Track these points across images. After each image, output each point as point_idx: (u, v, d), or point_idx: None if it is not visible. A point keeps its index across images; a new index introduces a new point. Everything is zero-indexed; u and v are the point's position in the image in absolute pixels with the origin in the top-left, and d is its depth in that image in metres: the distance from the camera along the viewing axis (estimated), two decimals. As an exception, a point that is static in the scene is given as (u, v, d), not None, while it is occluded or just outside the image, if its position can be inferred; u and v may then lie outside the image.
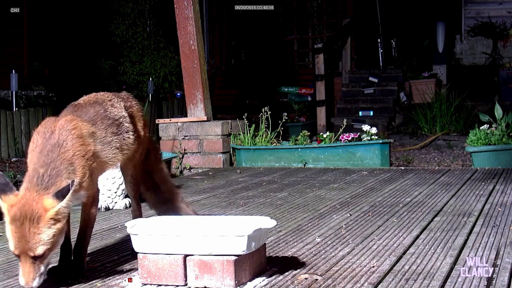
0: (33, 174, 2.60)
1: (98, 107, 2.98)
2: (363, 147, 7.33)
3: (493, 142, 7.14)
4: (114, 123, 2.99)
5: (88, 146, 2.77)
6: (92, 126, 2.87)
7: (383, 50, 14.36)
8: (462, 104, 11.40)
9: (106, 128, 2.94)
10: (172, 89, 13.65)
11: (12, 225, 2.51)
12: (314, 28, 15.85)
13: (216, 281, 2.71)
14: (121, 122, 3.03)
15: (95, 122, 2.91)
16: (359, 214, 4.34)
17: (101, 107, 3.00)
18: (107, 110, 3.01)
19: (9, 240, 2.52)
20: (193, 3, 7.55)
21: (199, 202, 5.09)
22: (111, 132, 2.95)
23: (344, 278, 2.84)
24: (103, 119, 2.95)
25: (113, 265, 3.16)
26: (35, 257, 2.51)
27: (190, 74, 7.62)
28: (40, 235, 2.50)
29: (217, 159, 7.54)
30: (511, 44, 13.84)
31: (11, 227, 2.51)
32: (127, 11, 13.33)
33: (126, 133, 3.05)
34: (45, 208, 2.52)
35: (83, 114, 2.93)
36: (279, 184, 6.00)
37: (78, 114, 2.91)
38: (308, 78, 14.51)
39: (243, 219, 3.13)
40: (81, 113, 2.93)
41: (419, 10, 14.60)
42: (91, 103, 3.01)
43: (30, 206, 2.50)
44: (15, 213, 2.50)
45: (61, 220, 2.57)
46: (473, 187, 5.44)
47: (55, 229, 2.54)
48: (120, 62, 13.54)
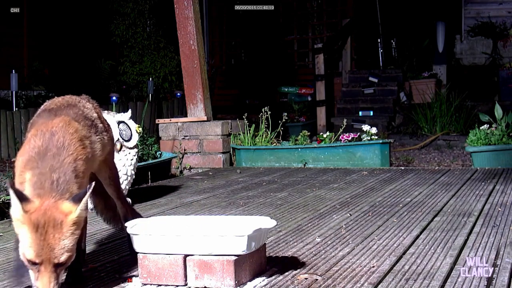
0: (43, 179, 2.49)
1: (75, 109, 2.88)
2: (363, 147, 7.33)
3: (493, 142, 7.14)
4: (93, 124, 2.92)
5: (87, 149, 2.74)
6: (83, 128, 2.81)
7: (383, 50, 14.36)
8: (462, 104, 11.40)
9: (89, 129, 2.87)
10: (172, 89, 13.65)
11: (36, 233, 2.40)
12: (314, 28, 15.86)
13: (216, 281, 2.71)
14: (96, 123, 2.96)
15: (80, 123, 2.82)
16: (359, 214, 4.34)
17: (78, 109, 2.90)
18: (84, 111, 2.92)
19: (29, 249, 2.40)
20: (193, 3, 7.56)
21: (199, 202, 5.09)
22: (93, 133, 2.89)
23: (344, 278, 2.84)
24: (84, 120, 2.87)
25: (113, 265, 3.16)
26: (58, 264, 2.42)
27: (190, 74, 7.62)
28: (64, 241, 2.42)
29: (217, 159, 7.54)
30: (511, 44, 13.84)
31: (34, 235, 2.40)
32: (127, 11, 13.33)
33: (101, 133, 2.97)
34: (65, 214, 2.43)
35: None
36: (279, 184, 6.00)
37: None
38: (308, 78, 14.51)
39: (243, 219, 3.13)
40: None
41: (419, 10, 14.60)
42: (66, 106, 2.88)
43: (52, 213, 2.42)
44: (38, 221, 2.39)
45: (81, 225, 2.50)
46: (473, 187, 5.44)
47: (76, 234, 2.47)
48: (120, 62, 13.54)
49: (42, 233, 2.39)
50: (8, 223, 4.26)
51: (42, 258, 2.39)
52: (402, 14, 14.62)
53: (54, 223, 2.41)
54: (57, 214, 2.42)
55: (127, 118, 4.77)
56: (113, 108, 7.99)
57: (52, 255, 2.40)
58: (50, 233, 2.40)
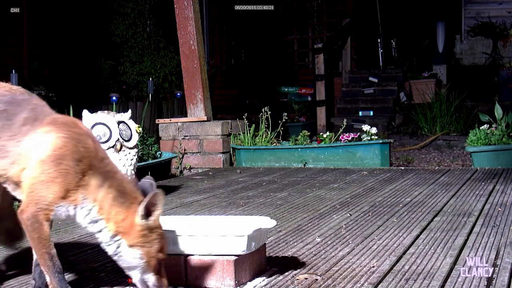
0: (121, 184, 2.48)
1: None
2: (363, 147, 7.33)
3: (493, 142, 7.14)
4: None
5: None
6: None
7: (383, 50, 14.35)
8: (462, 104, 11.39)
9: None
10: (172, 89, 13.63)
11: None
12: (314, 28, 15.85)
13: (216, 281, 2.71)
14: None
15: None
16: (359, 214, 4.34)
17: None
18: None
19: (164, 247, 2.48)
20: (193, 3, 7.55)
21: (199, 202, 5.09)
22: None
23: (344, 278, 2.84)
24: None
25: (113, 265, 3.16)
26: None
27: (190, 74, 7.62)
28: None
29: (217, 159, 7.54)
30: (511, 44, 13.83)
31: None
32: (127, 11, 13.31)
33: None
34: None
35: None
36: (279, 184, 6.00)
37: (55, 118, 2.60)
38: (308, 78, 14.51)
39: (243, 219, 3.13)
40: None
41: (419, 10, 14.60)
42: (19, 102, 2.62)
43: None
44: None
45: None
46: (473, 187, 5.44)
47: None
48: (120, 62, 13.52)
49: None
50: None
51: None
52: (402, 14, 14.61)
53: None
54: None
55: (127, 118, 4.76)
56: (113, 108, 7.98)
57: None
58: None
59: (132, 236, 2.40)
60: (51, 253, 2.44)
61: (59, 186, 2.40)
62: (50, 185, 2.40)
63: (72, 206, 2.44)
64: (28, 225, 2.41)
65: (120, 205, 2.42)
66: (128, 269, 2.46)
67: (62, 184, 2.40)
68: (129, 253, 2.41)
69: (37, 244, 2.43)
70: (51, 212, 2.42)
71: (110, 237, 2.42)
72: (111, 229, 2.41)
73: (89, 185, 2.42)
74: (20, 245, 2.94)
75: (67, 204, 2.43)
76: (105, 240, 2.43)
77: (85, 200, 2.43)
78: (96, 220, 2.43)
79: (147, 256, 2.41)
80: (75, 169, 2.41)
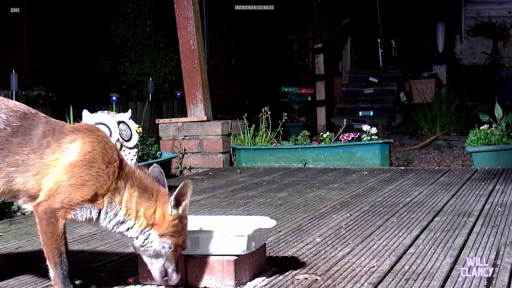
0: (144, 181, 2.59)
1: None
2: (363, 147, 7.33)
3: (493, 142, 7.14)
4: None
5: None
6: None
7: (383, 50, 14.36)
8: (462, 104, 11.40)
9: None
10: (172, 89, 13.64)
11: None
12: (314, 28, 15.86)
13: (216, 281, 2.71)
14: None
15: None
16: (359, 214, 4.34)
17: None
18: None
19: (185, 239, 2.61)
20: (193, 3, 7.55)
21: (199, 202, 5.09)
22: None
23: (344, 278, 2.84)
24: None
25: (113, 265, 3.16)
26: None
27: (190, 74, 7.62)
28: None
29: (217, 159, 7.54)
30: (511, 44, 13.84)
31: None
32: (127, 11, 13.32)
33: None
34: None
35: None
36: (279, 184, 6.00)
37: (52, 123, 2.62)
38: (308, 78, 14.51)
39: (243, 219, 3.13)
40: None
41: (419, 10, 14.60)
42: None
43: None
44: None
45: None
46: (473, 187, 5.44)
47: None
48: (120, 62, 13.52)
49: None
50: (8, 223, 4.26)
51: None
52: (402, 14, 14.61)
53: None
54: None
55: (127, 118, 4.77)
56: (113, 108, 7.98)
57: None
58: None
59: (164, 227, 2.52)
60: (61, 249, 2.48)
61: (89, 189, 2.46)
62: (80, 188, 2.45)
63: (96, 210, 2.50)
64: (44, 219, 2.45)
65: (147, 201, 2.53)
66: (154, 257, 2.55)
67: (93, 187, 2.46)
68: (159, 243, 2.52)
69: (49, 239, 2.46)
70: (71, 212, 2.46)
71: (139, 232, 2.52)
72: (141, 224, 2.52)
73: (116, 188, 2.50)
74: (20, 245, 2.95)
75: (91, 207, 2.49)
76: (134, 235, 2.53)
77: (110, 204, 2.50)
78: (123, 221, 2.52)
79: (175, 245, 2.54)
80: (106, 171, 2.48)
